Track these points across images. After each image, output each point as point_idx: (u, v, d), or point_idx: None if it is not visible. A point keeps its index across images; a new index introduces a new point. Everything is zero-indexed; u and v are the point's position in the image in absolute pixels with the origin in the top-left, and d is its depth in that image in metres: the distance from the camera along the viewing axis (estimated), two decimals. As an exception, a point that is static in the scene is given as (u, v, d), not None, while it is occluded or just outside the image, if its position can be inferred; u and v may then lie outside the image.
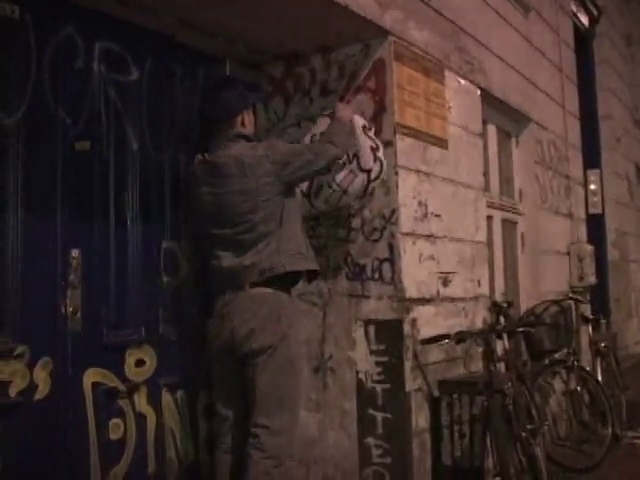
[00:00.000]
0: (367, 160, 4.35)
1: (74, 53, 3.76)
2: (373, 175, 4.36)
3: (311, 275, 4.07)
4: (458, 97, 5.30)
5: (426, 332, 4.54)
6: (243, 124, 3.99)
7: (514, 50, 6.50)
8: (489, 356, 4.53)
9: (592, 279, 7.75)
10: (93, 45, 3.86)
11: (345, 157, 4.30)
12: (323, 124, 4.41)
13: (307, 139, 4.52)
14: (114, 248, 3.90)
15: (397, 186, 4.45)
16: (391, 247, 4.42)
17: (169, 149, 4.29)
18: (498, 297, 5.98)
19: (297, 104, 4.82)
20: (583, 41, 9.59)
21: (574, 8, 8.98)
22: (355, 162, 4.40)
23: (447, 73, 5.16)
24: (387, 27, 4.49)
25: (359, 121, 4.35)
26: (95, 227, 3.82)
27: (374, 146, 4.39)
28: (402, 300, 4.40)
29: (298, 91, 4.83)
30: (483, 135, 5.85)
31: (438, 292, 4.80)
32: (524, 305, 6.55)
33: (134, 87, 4.09)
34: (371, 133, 4.40)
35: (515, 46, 6.57)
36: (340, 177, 4.37)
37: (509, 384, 4.54)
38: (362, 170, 4.36)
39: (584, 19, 9.63)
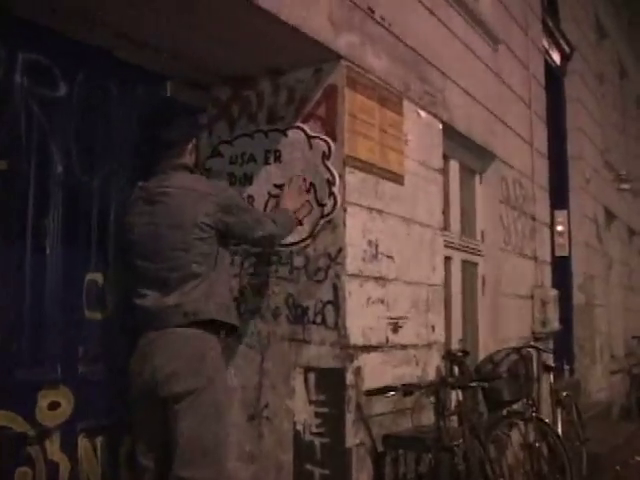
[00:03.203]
0: (323, 193, 4.22)
1: (-8, 63, 3.49)
2: (326, 211, 4.22)
3: (230, 331, 3.79)
4: (417, 130, 5.04)
5: (372, 382, 4.23)
6: (190, 153, 3.81)
7: (481, 83, 6.31)
8: (439, 411, 4.20)
9: (556, 325, 7.55)
10: (16, 55, 3.58)
11: (303, 184, 4.21)
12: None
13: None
14: (30, 278, 3.61)
15: (344, 223, 4.16)
16: (335, 289, 4.14)
17: (99, 174, 4.01)
18: (455, 343, 5.78)
19: (242, 129, 4.54)
20: (554, 78, 9.42)
21: (546, 44, 8.81)
22: (312, 193, 4.23)
23: (406, 104, 4.91)
24: (341, 51, 4.20)
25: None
26: (9, 255, 3.53)
27: (330, 179, 4.18)
28: (346, 347, 4.11)
29: (244, 115, 4.57)
30: (445, 171, 5.65)
31: (387, 338, 4.50)
32: (483, 351, 6.30)
33: (62, 103, 3.81)
34: (329, 163, 4.21)
35: (482, 79, 6.39)
36: (297, 206, 4.24)
37: (460, 440, 4.25)
38: (318, 204, 4.24)
39: (556, 56, 9.48)
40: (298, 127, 4.34)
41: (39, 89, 3.68)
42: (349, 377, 4.10)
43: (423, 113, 5.15)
